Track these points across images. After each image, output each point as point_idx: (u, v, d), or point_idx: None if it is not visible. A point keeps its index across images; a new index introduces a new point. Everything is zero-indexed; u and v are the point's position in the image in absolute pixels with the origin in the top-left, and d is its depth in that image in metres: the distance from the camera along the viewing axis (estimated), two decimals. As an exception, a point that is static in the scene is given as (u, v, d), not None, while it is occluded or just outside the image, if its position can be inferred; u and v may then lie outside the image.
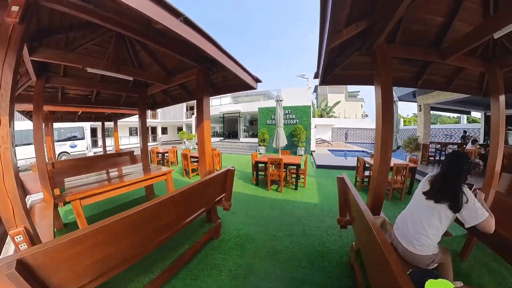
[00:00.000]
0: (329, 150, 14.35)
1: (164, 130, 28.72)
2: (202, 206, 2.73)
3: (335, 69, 3.08)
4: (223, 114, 20.81)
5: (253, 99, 20.54)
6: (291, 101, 13.59)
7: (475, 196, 1.67)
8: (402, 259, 1.81)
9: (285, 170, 5.80)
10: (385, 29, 2.05)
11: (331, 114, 26.94)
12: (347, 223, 2.53)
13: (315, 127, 15.55)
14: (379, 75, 2.35)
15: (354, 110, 33.37)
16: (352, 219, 2.35)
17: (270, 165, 5.60)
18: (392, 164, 4.57)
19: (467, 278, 2.28)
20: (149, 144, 6.77)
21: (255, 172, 6.14)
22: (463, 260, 2.54)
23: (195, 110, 12.85)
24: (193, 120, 20.95)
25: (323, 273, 2.50)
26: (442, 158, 9.01)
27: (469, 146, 8.13)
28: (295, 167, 5.83)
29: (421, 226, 1.71)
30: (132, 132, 24.18)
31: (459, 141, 11.37)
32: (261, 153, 13.53)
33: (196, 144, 3.70)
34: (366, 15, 2.14)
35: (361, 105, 35.50)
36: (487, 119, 11.76)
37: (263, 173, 6.33)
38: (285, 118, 13.62)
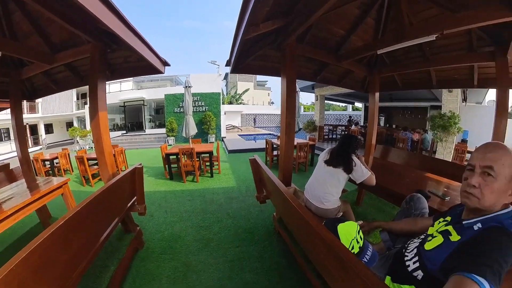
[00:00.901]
0: (240, 135, 15.08)
1: (49, 128, 21.42)
2: (115, 216, 2.29)
3: (247, 59, 3.21)
4: (124, 103, 17.72)
5: (159, 85, 18.41)
6: (200, 88, 13.37)
7: (360, 159, 2.39)
8: (316, 215, 2.30)
9: (198, 159, 5.76)
10: (297, 31, 2.32)
11: (240, 101, 28.28)
12: (265, 198, 2.85)
13: (225, 113, 15.79)
14: (286, 68, 2.68)
15: (262, 97, 36.57)
16: (269, 193, 2.67)
17: (182, 156, 5.44)
18: (295, 143, 5.51)
19: (364, 217, 3.30)
20: (29, 150, 5.16)
21: (167, 165, 5.84)
22: (359, 206, 3.71)
23: (88, 99, 10.60)
24: (86, 111, 15.77)
25: (257, 246, 2.83)
26: (334, 136, 12.21)
27: (353, 127, 11.50)
28: (208, 155, 5.89)
29: (325, 187, 2.28)
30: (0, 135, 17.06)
31: (346, 124, 14.87)
32: (170, 144, 12.76)
33: (93, 142, 3.02)
34: (283, 15, 2.35)
35: (268, 93, 39.30)
36: (366, 108, 15.97)
37: (176, 165, 6.10)
38: (194, 105, 13.32)
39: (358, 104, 18.98)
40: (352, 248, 1.25)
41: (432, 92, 9.09)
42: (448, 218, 1.13)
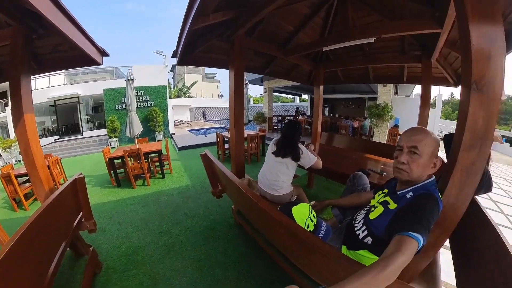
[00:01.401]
0: (189, 131, 14.35)
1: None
2: (60, 241, 1.86)
3: (195, 50, 3.04)
4: (55, 101, 13.92)
5: (97, 78, 15.00)
6: (145, 81, 12.00)
7: (307, 148, 2.54)
8: (272, 202, 2.38)
9: (146, 160, 5.33)
10: (247, 24, 2.29)
11: (188, 94, 26.70)
12: (221, 192, 2.84)
13: (173, 108, 14.48)
14: (234, 61, 2.66)
15: (211, 90, 35.20)
16: (224, 187, 2.68)
17: (129, 159, 4.86)
18: (246, 135, 5.58)
19: (316, 197, 3.56)
20: None
21: (112, 171, 5.12)
22: (311, 188, 4.07)
23: (9, 99, 8.83)
24: (8, 114, 11.42)
25: (221, 242, 2.84)
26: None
27: (300, 117, 12.19)
28: (157, 154, 5.48)
29: (277, 176, 2.39)
30: None
31: (294, 114, 15.66)
32: (114, 147, 10.97)
33: (21, 154, 2.42)
34: (234, 7, 2.28)
35: (218, 86, 38.18)
36: (312, 99, 16.83)
37: (122, 170, 5.41)
38: (138, 100, 11.89)
39: (305, 96, 20.03)
40: (308, 227, 1.39)
41: (369, 86, 10.32)
42: (386, 190, 1.34)
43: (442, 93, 15.55)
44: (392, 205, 1.17)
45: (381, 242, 1.09)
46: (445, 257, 1.83)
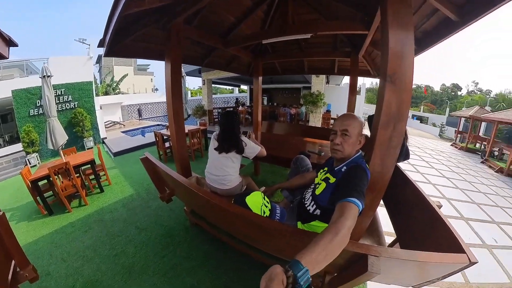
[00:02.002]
0: (123, 132, 12.39)
1: None
2: None
3: (127, 38, 2.71)
4: None
5: (2, 76, 10.48)
6: (65, 77, 9.44)
7: (249, 137, 2.60)
8: (224, 197, 2.41)
9: (78, 174, 4.35)
10: (187, 11, 2.21)
11: (118, 90, 23.20)
12: (169, 195, 2.65)
13: (101, 108, 12.12)
14: (171, 51, 2.49)
15: (144, 84, 31.85)
16: (172, 190, 2.55)
17: (56, 177, 3.92)
18: (187, 131, 5.34)
19: (265, 183, 3.69)
20: None
21: (38, 197, 3.98)
22: (258, 176, 4.31)
23: None
24: None
25: (182, 247, 2.73)
26: None
27: (240, 108, 12.39)
28: (89, 166, 4.54)
29: (223, 171, 2.39)
30: None
31: (234, 105, 15.92)
32: (34, 165, 8.17)
33: None
34: None
35: (151, 79, 34.66)
36: (251, 90, 16.90)
37: (50, 192, 4.32)
38: (58, 101, 9.24)
39: (244, 87, 20.37)
40: (264, 213, 1.49)
41: (304, 76, 11.20)
42: (326, 168, 1.58)
43: (366, 82, 18.00)
44: (332, 180, 1.41)
45: (328, 211, 1.30)
46: (382, 213, 2.23)
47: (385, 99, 1.31)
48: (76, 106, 9.89)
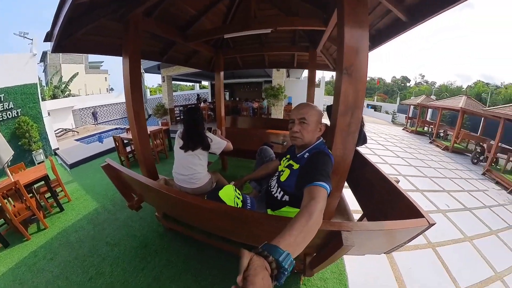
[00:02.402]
0: (78, 140, 10.82)
1: None
2: None
3: (79, 31, 2.42)
4: None
5: None
6: (3, 79, 7.84)
7: (214, 133, 2.60)
8: (197, 195, 2.36)
9: (32, 194, 3.70)
10: (146, 2, 2.11)
11: (68, 92, 20.44)
12: (138, 202, 2.48)
13: (49, 114, 9.97)
14: (129, 45, 2.30)
15: (98, 83, 28.58)
16: (141, 196, 2.39)
17: (6, 201, 3.33)
18: (149, 132, 5.19)
19: (233, 177, 3.72)
20: None
21: None
22: (226, 171, 4.35)
23: None
24: None
25: (160, 255, 2.63)
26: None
27: (202, 105, 12.21)
28: (43, 182, 3.86)
29: (191, 169, 2.37)
30: None
31: (195, 102, 15.73)
32: None
33: None
34: None
35: (106, 77, 31.06)
36: (212, 86, 16.80)
37: (2, 220, 3.48)
38: None
39: (205, 83, 19.87)
40: (237, 204, 1.54)
41: (265, 70, 11.38)
42: (288, 156, 1.66)
43: (325, 75, 18.95)
44: (295, 166, 1.48)
45: (296, 197, 1.41)
46: (347, 194, 2.44)
47: (343, 90, 1.46)
48: (19, 114, 8.04)
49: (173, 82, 12.93)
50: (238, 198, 1.58)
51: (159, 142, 5.93)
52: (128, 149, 5.80)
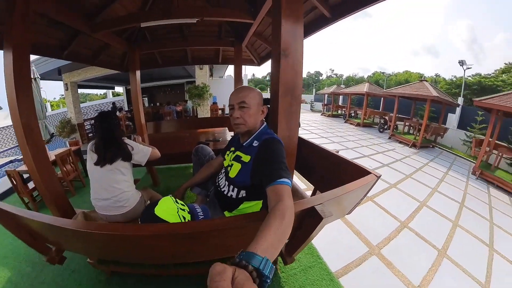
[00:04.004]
0: None
1: None
2: None
3: None
4: None
5: None
6: None
7: (135, 140, 2.26)
8: (129, 221, 2.02)
9: None
10: None
11: None
12: (59, 252, 1.78)
13: None
14: (13, 32, 1.66)
15: None
16: (60, 245, 1.76)
17: None
18: (53, 157, 3.98)
19: (170, 190, 3.41)
20: None
21: None
22: (159, 185, 3.84)
23: None
24: None
25: None
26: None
27: (118, 114, 10.31)
28: None
29: (114, 189, 1.91)
30: None
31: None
32: None
33: None
34: None
35: None
36: (128, 91, 15.13)
37: None
38: None
39: (119, 89, 17.83)
40: (184, 218, 1.23)
41: (186, 70, 10.94)
42: (233, 148, 1.52)
43: (247, 73, 19.60)
44: (245, 158, 1.35)
45: (253, 188, 1.31)
46: (296, 176, 2.58)
47: (282, 71, 1.52)
48: None
49: (79, 90, 10.95)
50: (184, 210, 1.26)
51: (70, 168, 4.38)
52: (32, 185, 4.14)
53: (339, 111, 17.54)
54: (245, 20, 2.65)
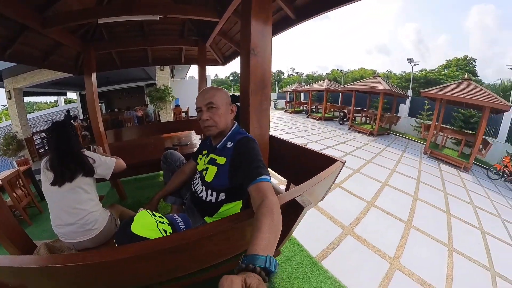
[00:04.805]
0: None
1: None
2: None
3: None
4: None
5: None
6: None
7: (96, 152, 1.97)
8: (99, 246, 1.76)
9: None
10: None
11: None
12: None
13: None
14: None
15: None
16: (20, 285, 1.25)
17: None
18: None
19: (139, 203, 3.13)
20: None
21: None
22: (127, 199, 3.35)
23: None
24: None
25: None
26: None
27: (73, 123, 9.11)
28: None
29: (78, 211, 1.63)
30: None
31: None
32: None
33: None
34: None
35: None
36: (82, 97, 13.71)
37: None
38: None
39: (72, 95, 16.03)
40: (165, 231, 1.10)
41: (146, 72, 10.42)
42: (205, 152, 1.47)
43: (210, 73, 19.40)
44: (221, 160, 1.30)
45: (233, 189, 1.28)
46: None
47: (252, 69, 1.53)
48: None
49: (25, 98, 9.44)
50: (163, 223, 1.13)
51: (21, 193, 3.53)
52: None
53: (301, 107, 18.55)
54: (210, 19, 2.59)
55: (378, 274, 2.42)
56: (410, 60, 18.29)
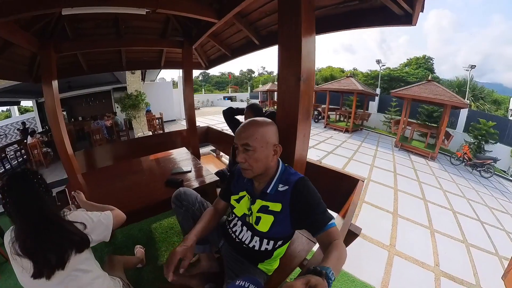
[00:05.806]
0: None
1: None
2: None
3: None
4: None
5: None
6: None
7: (74, 202, 1.49)
8: None
9: None
10: None
11: None
12: None
13: None
14: None
15: None
16: None
17: None
18: None
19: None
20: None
21: None
22: (115, 236, 2.54)
23: None
24: None
25: None
26: (8, 166, 6.83)
27: (30, 140, 6.73)
28: None
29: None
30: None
31: (19, 138, 9.18)
32: None
33: None
34: None
35: None
36: (40, 105, 11.37)
37: None
38: None
39: (27, 103, 13.52)
40: None
41: (114, 74, 9.18)
42: (244, 193, 1.22)
43: (173, 77, 18.39)
44: (275, 206, 1.11)
45: (292, 234, 1.22)
46: None
47: (301, 96, 1.31)
48: None
49: None
50: None
51: None
52: None
53: (275, 107, 18.29)
54: (208, 19, 2.13)
55: (381, 262, 2.72)
56: (378, 62, 18.94)
